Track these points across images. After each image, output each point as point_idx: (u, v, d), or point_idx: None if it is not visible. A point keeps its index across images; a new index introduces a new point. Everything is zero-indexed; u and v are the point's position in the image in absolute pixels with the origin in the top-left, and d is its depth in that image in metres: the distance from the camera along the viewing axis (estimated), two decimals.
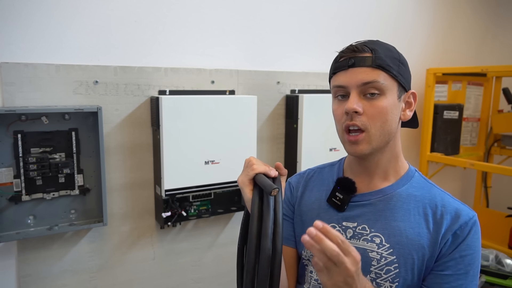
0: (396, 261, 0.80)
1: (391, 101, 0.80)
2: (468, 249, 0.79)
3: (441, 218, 0.81)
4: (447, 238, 0.79)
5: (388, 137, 0.83)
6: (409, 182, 0.86)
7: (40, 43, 1.50)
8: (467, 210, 0.83)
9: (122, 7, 1.63)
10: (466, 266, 0.78)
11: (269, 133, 2.05)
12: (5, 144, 1.46)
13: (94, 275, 1.70)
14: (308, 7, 2.10)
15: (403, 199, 0.84)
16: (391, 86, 0.80)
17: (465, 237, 0.79)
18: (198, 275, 1.96)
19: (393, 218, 0.82)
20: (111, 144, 1.66)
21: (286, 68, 2.06)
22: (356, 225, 0.85)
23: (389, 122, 0.81)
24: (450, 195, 0.86)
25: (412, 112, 0.86)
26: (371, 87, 0.79)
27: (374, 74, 0.78)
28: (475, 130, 2.87)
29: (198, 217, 1.84)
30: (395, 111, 0.81)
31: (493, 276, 1.79)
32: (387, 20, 2.43)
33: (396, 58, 0.82)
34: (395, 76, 0.80)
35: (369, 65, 0.79)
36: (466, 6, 2.86)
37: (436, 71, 2.50)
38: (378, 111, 0.79)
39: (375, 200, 0.85)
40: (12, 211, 1.50)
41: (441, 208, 0.82)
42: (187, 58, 1.80)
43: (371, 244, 0.82)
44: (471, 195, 3.06)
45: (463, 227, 0.79)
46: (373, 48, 0.81)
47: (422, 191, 0.85)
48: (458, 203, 0.84)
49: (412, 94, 0.85)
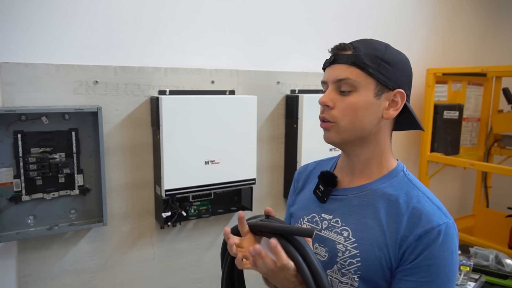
0: (359, 255, 0.82)
1: (364, 98, 0.82)
2: (435, 258, 0.76)
3: (408, 220, 0.80)
4: (410, 241, 0.78)
5: (361, 132, 0.85)
6: (390, 181, 0.87)
7: (40, 43, 1.50)
8: (439, 216, 0.79)
9: (122, 7, 1.63)
10: (431, 275, 0.76)
11: (269, 133, 2.05)
12: (5, 144, 1.46)
13: (94, 275, 1.70)
14: (308, 7, 2.10)
15: (377, 197, 0.85)
16: (365, 84, 0.82)
17: (431, 244, 0.77)
18: (198, 275, 1.96)
19: (363, 215, 0.85)
20: (111, 144, 1.66)
21: (286, 68, 2.06)
22: (331, 217, 0.89)
23: (361, 118, 0.83)
24: (431, 198, 0.84)
25: (397, 111, 0.85)
26: (344, 84, 0.83)
27: (348, 71, 0.82)
28: (475, 130, 2.87)
29: (198, 217, 1.84)
30: (370, 108, 0.83)
31: (493, 276, 1.79)
32: (387, 20, 2.43)
33: (379, 56, 0.82)
34: (371, 74, 0.82)
35: (345, 63, 0.83)
36: (466, 6, 2.86)
37: (436, 71, 2.50)
38: (348, 106, 0.83)
39: (352, 195, 0.88)
40: (12, 211, 1.50)
41: (411, 210, 0.81)
42: (187, 58, 1.80)
43: (339, 237, 0.87)
44: (471, 195, 3.06)
45: (429, 232, 0.77)
46: (356, 46, 0.84)
47: (400, 191, 0.84)
48: (433, 208, 0.81)
49: (399, 94, 0.84)
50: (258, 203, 2.04)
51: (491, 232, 2.80)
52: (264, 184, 2.07)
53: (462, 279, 1.72)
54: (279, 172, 2.12)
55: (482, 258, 1.87)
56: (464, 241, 2.34)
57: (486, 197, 2.93)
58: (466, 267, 1.75)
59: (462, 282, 1.70)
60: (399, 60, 0.85)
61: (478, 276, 1.76)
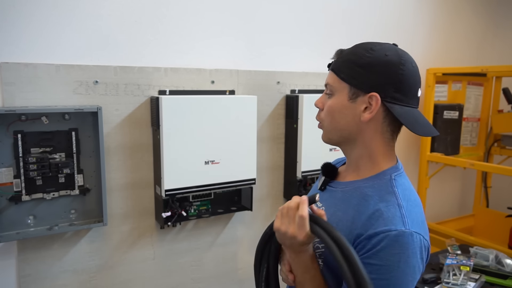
0: None
1: (338, 102, 0.89)
2: (379, 260, 0.78)
3: (367, 220, 0.82)
4: (361, 239, 0.81)
5: (340, 132, 0.91)
6: (373, 183, 0.88)
7: (40, 43, 1.50)
8: (397, 223, 0.79)
9: (122, 7, 1.63)
10: (371, 273, 0.77)
11: (269, 133, 2.05)
12: (5, 144, 1.46)
13: (94, 275, 1.70)
14: (309, 7, 2.10)
15: (355, 195, 0.89)
16: (340, 88, 0.88)
17: (376, 246, 0.78)
18: (198, 275, 1.96)
19: (339, 208, 0.90)
20: (111, 144, 1.66)
21: (286, 68, 2.07)
22: (321, 206, 0.95)
23: (337, 119, 0.90)
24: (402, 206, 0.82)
25: (371, 114, 0.86)
26: (327, 88, 0.92)
27: (329, 77, 0.92)
28: (475, 130, 2.87)
29: (198, 217, 1.84)
30: (344, 111, 0.88)
31: (493, 276, 1.79)
32: (387, 20, 2.43)
33: (353, 61, 0.86)
34: (343, 79, 0.87)
35: (330, 69, 0.92)
36: (467, 6, 2.86)
37: (436, 71, 2.50)
38: (327, 109, 0.91)
39: (339, 189, 0.95)
40: (12, 211, 1.50)
41: (374, 211, 0.82)
42: (187, 58, 1.80)
43: None
44: (471, 195, 3.06)
45: (379, 235, 0.78)
46: (343, 52, 0.91)
47: (378, 193, 0.86)
48: (396, 215, 0.80)
49: (373, 98, 0.85)
50: (258, 203, 2.04)
51: (491, 232, 2.80)
52: (264, 184, 2.07)
53: (462, 279, 1.72)
54: (279, 172, 2.12)
55: (482, 258, 1.87)
56: (464, 241, 2.34)
57: (486, 197, 2.93)
58: (466, 267, 1.75)
59: (462, 282, 1.70)
60: (379, 63, 0.84)
61: (478, 276, 1.76)
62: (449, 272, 1.77)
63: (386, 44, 0.88)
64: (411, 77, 0.86)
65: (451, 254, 1.92)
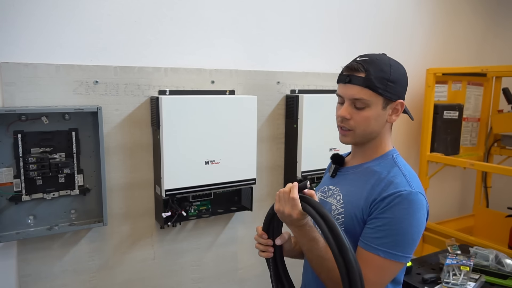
0: (343, 213, 1.07)
1: (375, 112, 1.04)
2: (390, 213, 0.97)
3: (381, 188, 1.01)
4: (377, 201, 1.00)
5: (371, 135, 1.08)
6: (379, 162, 1.09)
7: (40, 43, 1.50)
8: (405, 186, 1.00)
9: (122, 7, 1.63)
10: (385, 224, 0.97)
11: (269, 133, 2.05)
12: (5, 144, 1.46)
13: (94, 275, 1.70)
14: (308, 7, 2.10)
15: (366, 173, 1.08)
16: (376, 101, 1.03)
17: (389, 203, 0.97)
18: (198, 275, 1.96)
19: (353, 184, 1.10)
20: (111, 144, 1.66)
21: (286, 68, 2.06)
22: (334, 187, 1.15)
23: (372, 126, 1.06)
24: (406, 175, 1.03)
25: (397, 116, 1.09)
26: (359, 102, 1.03)
27: (362, 92, 1.02)
28: (475, 130, 2.87)
29: (198, 217, 1.84)
30: (379, 118, 1.05)
31: (493, 276, 1.79)
32: (387, 21, 2.43)
33: (386, 78, 1.02)
34: (380, 94, 1.02)
35: (360, 84, 1.02)
36: (467, 6, 2.86)
37: (436, 71, 2.50)
38: (363, 119, 1.05)
39: (351, 172, 1.14)
40: (12, 211, 1.50)
41: (386, 181, 1.02)
42: (187, 58, 1.80)
43: (333, 200, 1.12)
44: (471, 195, 3.06)
45: (392, 195, 0.98)
46: (367, 69, 1.02)
47: (384, 169, 1.06)
48: (403, 181, 1.01)
49: (400, 104, 1.07)
50: (258, 203, 2.04)
51: (491, 232, 2.80)
52: (264, 184, 2.07)
53: (462, 279, 1.72)
54: (279, 172, 2.12)
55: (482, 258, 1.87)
56: (464, 241, 2.34)
57: (486, 197, 2.93)
58: (466, 267, 1.75)
59: (462, 282, 1.70)
60: (400, 75, 1.06)
61: (478, 276, 1.76)
62: (449, 272, 1.76)
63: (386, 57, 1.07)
64: None
65: (451, 254, 1.92)
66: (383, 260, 0.97)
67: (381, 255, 0.96)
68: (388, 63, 1.05)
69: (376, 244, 0.97)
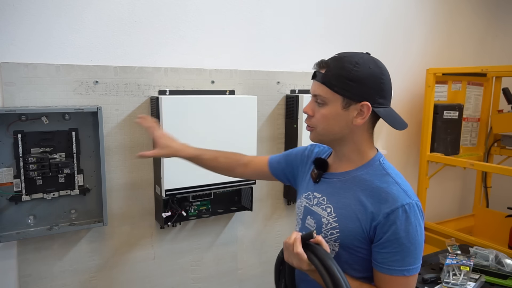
0: (338, 227, 1.03)
1: (333, 111, 1.01)
2: (401, 232, 0.95)
3: (378, 201, 0.98)
4: (380, 219, 0.97)
5: (333, 135, 1.05)
6: (367, 169, 1.05)
7: (40, 43, 1.50)
8: (404, 197, 0.97)
9: (122, 7, 1.63)
10: (400, 245, 0.95)
11: (269, 133, 2.05)
12: (5, 144, 1.46)
13: (94, 275, 1.70)
14: (308, 7, 2.11)
15: (355, 182, 1.04)
16: (333, 99, 1.00)
17: (396, 221, 0.95)
18: (198, 275, 1.96)
19: (343, 196, 1.05)
20: (111, 144, 1.66)
21: (286, 68, 2.07)
22: (320, 196, 1.10)
23: (331, 125, 1.03)
24: (399, 183, 1.01)
25: (363, 120, 1.01)
26: (317, 98, 1.03)
27: (320, 88, 1.02)
28: (475, 130, 2.87)
29: (198, 217, 1.84)
30: (338, 118, 1.01)
31: (493, 276, 1.79)
32: (387, 21, 2.43)
33: (344, 76, 0.98)
34: (336, 92, 0.99)
35: (318, 80, 1.02)
36: (467, 6, 2.86)
37: (436, 71, 2.50)
38: (321, 117, 1.03)
39: (336, 179, 1.09)
40: (12, 211, 1.50)
41: (381, 193, 0.99)
42: (187, 58, 1.80)
43: (324, 212, 1.07)
44: (471, 195, 3.06)
45: (395, 211, 0.96)
46: (329, 65, 1.00)
47: (374, 177, 1.03)
48: (399, 190, 0.99)
49: (365, 106, 1.00)
50: (258, 203, 2.04)
51: (491, 232, 2.80)
52: (264, 184, 2.07)
53: (462, 279, 1.72)
54: None
55: (482, 258, 1.87)
56: (464, 241, 2.34)
57: (486, 197, 2.93)
58: (466, 267, 1.75)
59: (462, 282, 1.70)
60: (369, 76, 0.99)
61: (478, 276, 1.76)
62: (449, 272, 1.76)
63: (364, 55, 1.02)
64: (389, 84, 1.03)
65: (451, 254, 1.92)
66: (408, 278, 0.97)
67: (406, 274, 0.96)
68: (355, 61, 0.99)
69: (398, 266, 0.96)
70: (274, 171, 1.32)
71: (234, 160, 1.37)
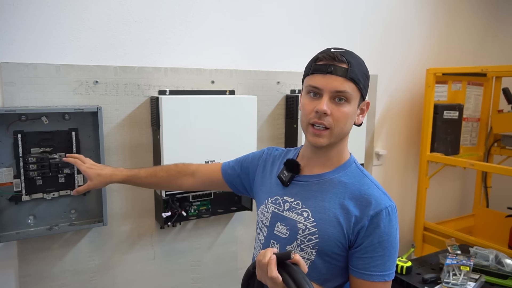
0: (317, 232, 0.96)
1: (353, 109, 0.95)
2: (384, 235, 0.92)
3: (361, 204, 0.94)
4: (364, 222, 0.93)
5: (343, 135, 0.98)
6: (344, 171, 1.00)
7: (40, 43, 1.50)
8: (386, 200, 0.95)
9: (122, 7, 1.63)
10: (383, 249, 0.92)
11: (269, 133, 2.05)
12: (5, 144, 1.46)
13: (94, 275, 1.70)
14: (308, 7, 2.11)
15: (334, 184, 0.99)
16: (355, 96, 0.95)
17: (379, 224, 0.92)
18: (198, 275, 1.96)
19: (321, 199, 0.98)
20: (111, 144, 1.66)
21: (286, 68, 2.06)
22: (293, 200, 1.02)
23: (348, 125, 0.96)
24: (377, 185, 0.98)
25: (364, 117, 1.01)
26: (341, 95, 0.93)
27: (346, 85, 0.92)
28: (475, 130, 2.87)
29: (198, 217, 1.84)
30: (353, 116, 0.97)
31: (493, 276, 1.79)
32: (387, 20, 2.43)
33: (365, 73, 0.96)
34: (360, 89, 0.95)
35: (344, 76, 0.92)
36: (467, 6, 2.86)
37: (436, 71, 2.50)
38: (342, 115, 0.94)
39: (312, 182, 1.01)
40: (12, 211, 1.50)
41: (363, 196, 0.95)
42: (187, 58, 1.80)
43: (300, 217, 0.99)
44: (471, 195, 3.06)
45: (379, 213, 0.93)
46: (350, 60, 0.93)
47: (353, 179, 0.99)
48: (380, 193, 0.96)
49: (367, 103, 1.00)
50: None
51: (491, 232, 2.80)
52: None
53: (462, 279, 1.72)
54: None
55: (482, 258, 1.87)
56: (464, 241, 2.34)
57: (486, 197, 2.93)
58: (466, 267, 1.75)
59: (462, 282, 1.70)
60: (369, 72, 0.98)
61: (478, 276, 1.76)
62: (449, 272, 1.76)
63: None
64: None
65: (451, 254, 1.92)
66: (387, 283, 0.94)
67: (387, 279, 0.93)
68: (361, 59, 0.98)
69: (379, 271, 0.92)
70: (227, 177, 1.24)
71: (176, 171, 1.27)
